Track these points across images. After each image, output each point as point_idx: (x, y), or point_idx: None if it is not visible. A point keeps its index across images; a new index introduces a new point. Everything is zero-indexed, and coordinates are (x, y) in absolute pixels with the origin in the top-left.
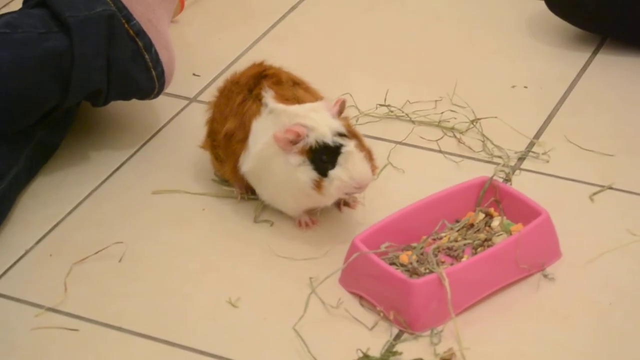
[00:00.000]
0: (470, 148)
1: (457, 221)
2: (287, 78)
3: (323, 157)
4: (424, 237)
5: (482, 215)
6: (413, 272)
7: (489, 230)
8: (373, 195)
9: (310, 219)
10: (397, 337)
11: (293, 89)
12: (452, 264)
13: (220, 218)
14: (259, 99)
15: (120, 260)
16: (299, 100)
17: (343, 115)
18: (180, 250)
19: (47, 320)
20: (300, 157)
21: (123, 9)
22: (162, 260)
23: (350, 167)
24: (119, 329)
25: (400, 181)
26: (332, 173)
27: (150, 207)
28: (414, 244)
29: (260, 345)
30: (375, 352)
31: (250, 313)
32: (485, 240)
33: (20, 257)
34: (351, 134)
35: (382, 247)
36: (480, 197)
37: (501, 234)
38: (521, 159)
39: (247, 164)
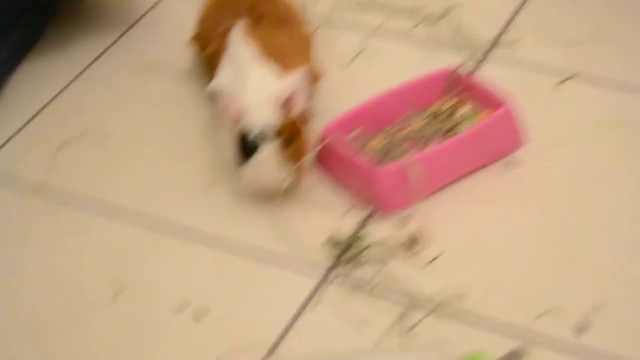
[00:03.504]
0: (442, 37)
1: (426, 110)
2: (274, 17)
3: (243, 147)
4: (393, 125)
5: (449, 104)
6: (382, 159)
7: (455, 119)
8: (345, 83)
9: None
10: (365, 222)
11: (273, 29)
12: (418, 151)
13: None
14: None
15: (102, 143)
16: (268, 38)
17: (301, 111)
18: (160, 133)
19: (33, 200)
20: (229, 134)
21: None
22: (143, 141)
23: (260, 171)
24: (102, 207)
25: (370, 71)
26: (243, 169)
27: (131, 92)
28: (384, 131)
29: (235, 223)
30: (345, 236)
31: (227, 193)
32: (452, 128)
33: (6, 141)
34: (285, 133)
35: (353, 134)
36: (448, 87)
37: (467, 123)
38: (490, 49)
39: (210, 87)
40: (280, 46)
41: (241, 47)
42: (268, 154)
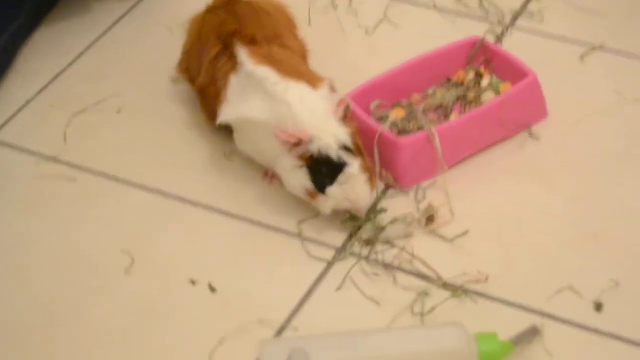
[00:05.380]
0: (467, 5)
1: (448, 80)
2: (261, 35)
3: (323, 170)
4: (415, 94)
5: (472, 74)
6: (401, 130)
7: (478, 89)
8: (367, 52)
9: None
10: (383, 194)
11: (268, 47)
12: (440, 122)
13: None
14: (234, 55)
15: (118, 112)
16: (274, 58)
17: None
18: (178, 103)
19: (47, 169)
20: (297, 162)
21: None
22: (160, 112)
23: (349, 189)
24: (115, 178)
25: (394, 37)
26: (330, 190)
27: (148, 60)
28: (404, 101)
29: (251, 198)
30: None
31: (243, 167)
32: (474, 98)
33: (21, 107)
34: (355, 148)
35: (372, 105)
36: (471, 56)
37: (489, 93)
38: (514, 18)
39: (227, 116)
40: (288, 63)
41: (257, 71)
42: (357, 168)
